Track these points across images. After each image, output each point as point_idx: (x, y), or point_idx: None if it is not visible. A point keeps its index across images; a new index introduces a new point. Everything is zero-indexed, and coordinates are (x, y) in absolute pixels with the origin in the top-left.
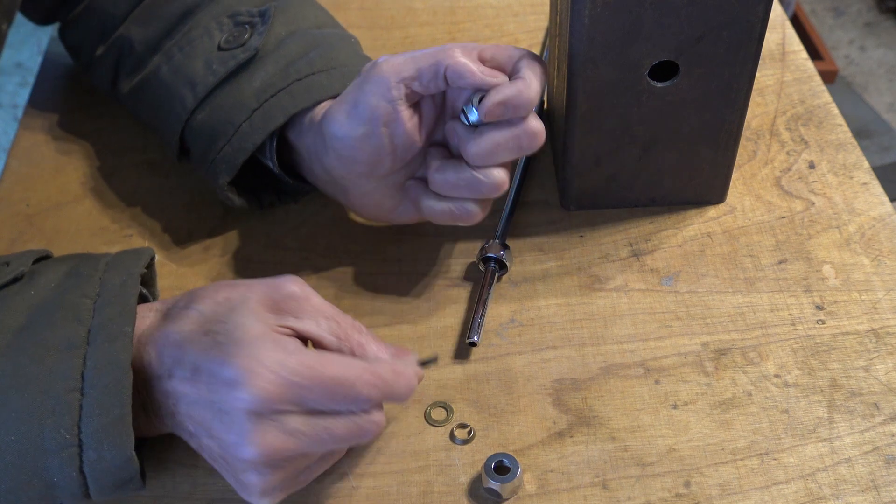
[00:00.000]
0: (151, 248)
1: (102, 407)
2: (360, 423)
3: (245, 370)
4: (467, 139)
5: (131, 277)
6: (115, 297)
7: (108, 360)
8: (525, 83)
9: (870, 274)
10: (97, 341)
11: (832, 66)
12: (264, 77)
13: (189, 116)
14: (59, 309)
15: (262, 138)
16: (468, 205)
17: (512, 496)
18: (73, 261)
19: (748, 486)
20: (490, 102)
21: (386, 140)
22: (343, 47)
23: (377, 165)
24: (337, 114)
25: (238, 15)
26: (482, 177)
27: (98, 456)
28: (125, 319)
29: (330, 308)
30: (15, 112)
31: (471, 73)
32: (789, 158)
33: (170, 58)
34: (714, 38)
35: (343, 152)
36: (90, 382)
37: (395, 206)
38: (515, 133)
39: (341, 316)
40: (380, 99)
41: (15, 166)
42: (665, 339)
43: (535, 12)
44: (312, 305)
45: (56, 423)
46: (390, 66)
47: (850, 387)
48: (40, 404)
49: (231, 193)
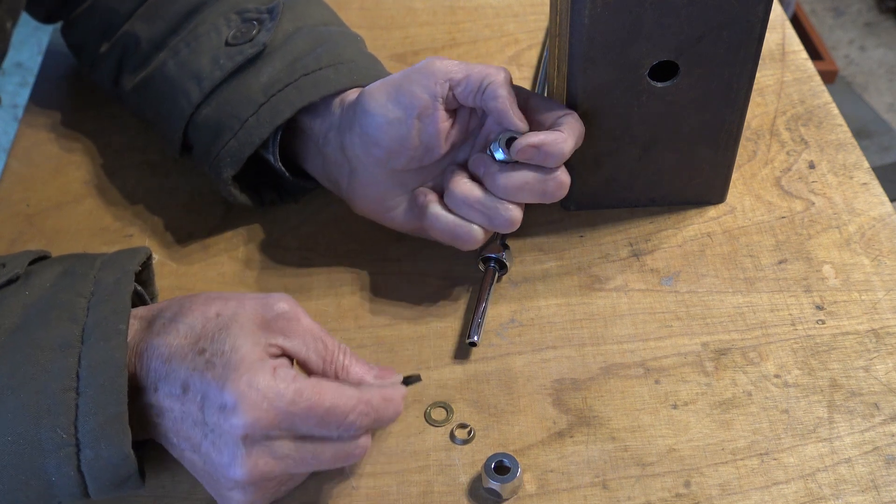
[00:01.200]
0: (148, 248)
1: (99, 405)
2: (347, 448)
3: (241, 397)
4: (498, 170)
5: (125, 275)
6: (109, 296)
7: (102, 358)
8: (562, 136)
9: (870, 274)
10: (91, 340)
11: (832, 66)
12: (271, 72)
13: (194, 111)
14: (53, 308)
15: (268, 132)
16: (474, 227)
17: (512, 496)
18: (68, 261)
19: (748, 486)
20: (525, 142)
21: (415, 132)
22: (349, 44)
23: (396, 156)
24: (377, 93)
25: (246, 11)
26: (501, 208)
27: (95, 454)
28: (119, 317)
29: (318, 328)
30: (15, 112)
31: (503, 101)
32: (789, 158)
33: (176, 53)
34: (714, 38)
35: (369, 131)
36: (85, 381)
37: (394, 207)
38: (546, 178)
39: (328, 337)
40: (423, 90)
41: (15, 166)
42: (665, 339)
43: (535, 12)
44: (302, 326)
45: (52, 423)
46: (442, 63)
47: (850, 387)
48: (36, 404)
49: (234, 189)
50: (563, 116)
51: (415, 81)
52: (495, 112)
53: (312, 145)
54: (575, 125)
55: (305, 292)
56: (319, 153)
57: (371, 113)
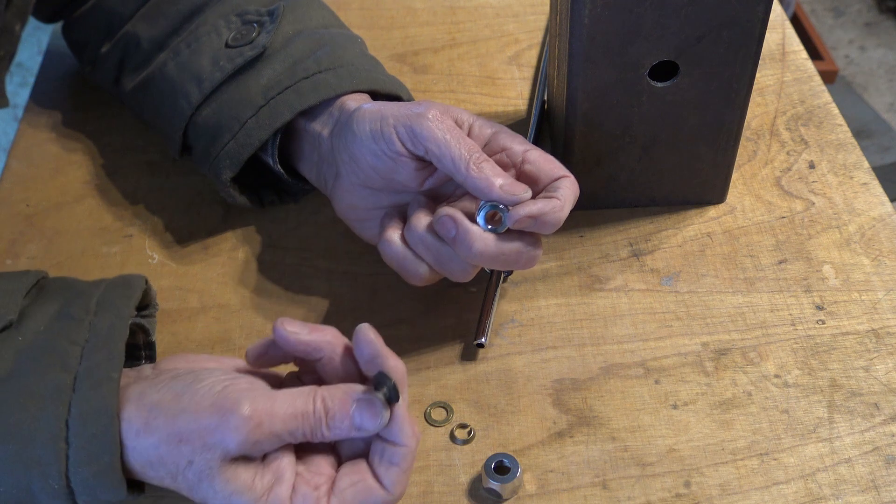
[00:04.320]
0: (141, 277)
1: (90, 455)
2: None
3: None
4: (475, 235)
5: (121, 321)
6: (103, 343)
7: (93, 406)
8: (560, 203)
9: (870, 274)
10: (82, 388)
11: (832, 66)
12: (271, 74)
13: (194, 112)
14: (45, 355)
15: (267, 134)
16: (422, 266)
17: (512, 496)
18: (62, 297)
19: (748, 486)
20: (524, 213)
21: (391, 167)
22: (350, 47)
23: (372, 179)
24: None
25: (246, 13)
26: (456, 263)
27: (91, 499)
28: (112, 365)
29: (287, 406)
30: (15, 112)
31: (489, 186)
32: (789, 158)
33: (177, 54)
34: (714, 38)
35: (352, 150)
36: (74, 431)
37: (366, 219)
38: (523, 253)
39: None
40: (400, 139)
41: (15, 166)
42: (665, 339)
43: (535, 12)
44: (273, 424)
45: (43, 473)
46: (430, 125)
47: (850, 387)
48: (26, 454)
49: (233, 190)
50: (561, 179)
51: (399, 125)
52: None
53: (308, 145)
54: (571, 191)
55: (305, 292)
56: (315, 151)
57: (356, 136)
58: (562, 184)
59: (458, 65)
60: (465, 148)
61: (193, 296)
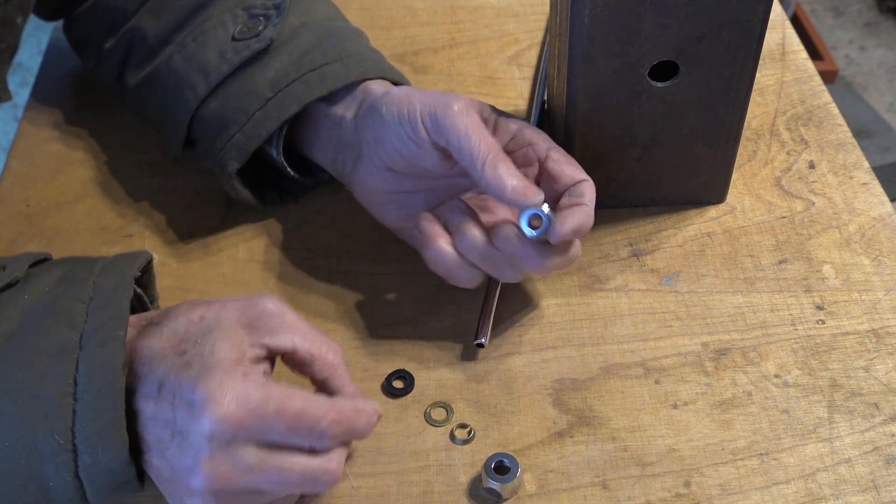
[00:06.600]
0: (148, 251)
1: (96, 411)
2: (314, 469)
3: (211, 396)
4: (529, 248)
5: (124, 280)
6: (108, 301)
7: (100, 364)
8: (589, 210)
9: (870, 274)
10: (89, 346)
11: (832, 66)
12: (279, 67)
13: (200, 104)
14: (51, 314)
15: (275, 127)
16: (478, 273)
17: (512, 496)
18: (68, 264)
19: (748, 486)
20: (568, 229)
21: (416, 153)
22: (355, 38)
23: (397, 162)
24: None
25: (252, 7)
26: (511, 269)
27: (93, 460)
28: (117, 323)
29: (305, 325)
30: (15, 112)
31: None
32: (789, 158)
33: (183, 47)
34: (714, 38)
35: (379, 133)
36: (83, 387)
37: (386, 202)
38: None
39: (316, 334)
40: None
41: (15, 166)
42: (665, 339)
43: (535, 12)
44: (287, 321)
45: (50, 428)
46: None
47: (850, 387)
48: (33, 410)
49: (237, 183)
50: (583, 184)
51: (425, 112)
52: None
53: (325, 130)
54: (593, 193)
55: (305, 292)
56: (334, 135)
57: (384, 118)
58: (585, 189)
59: (458, 65)
60: (485, 145)
61: (193, 295)
